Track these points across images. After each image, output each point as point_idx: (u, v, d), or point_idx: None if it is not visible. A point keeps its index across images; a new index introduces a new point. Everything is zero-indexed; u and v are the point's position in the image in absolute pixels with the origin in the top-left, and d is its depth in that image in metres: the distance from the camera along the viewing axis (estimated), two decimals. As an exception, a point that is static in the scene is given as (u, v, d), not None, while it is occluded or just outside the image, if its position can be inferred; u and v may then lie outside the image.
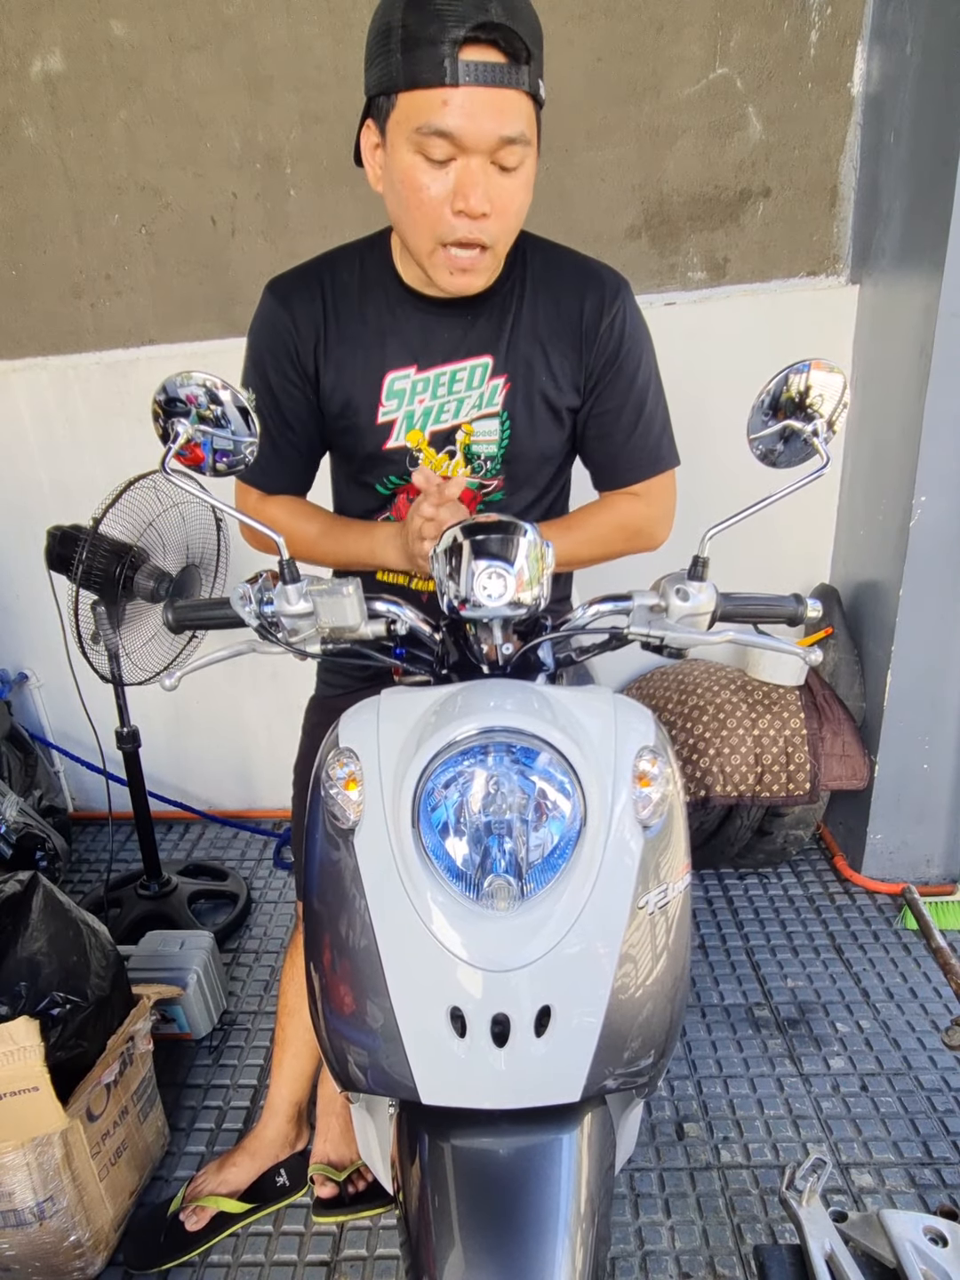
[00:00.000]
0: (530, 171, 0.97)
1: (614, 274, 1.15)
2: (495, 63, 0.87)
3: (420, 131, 0.90)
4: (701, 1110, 1.56)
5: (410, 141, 0.92)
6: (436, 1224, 0.73)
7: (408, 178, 0.94)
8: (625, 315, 1.13)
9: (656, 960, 0.77)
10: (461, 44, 0.85)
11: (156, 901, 2.05)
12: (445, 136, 0.89)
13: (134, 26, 1.87)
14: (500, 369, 1.13)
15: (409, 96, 0.90)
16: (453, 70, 0.86)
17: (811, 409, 0.86)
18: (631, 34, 1.80)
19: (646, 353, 1.17)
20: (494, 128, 0.89)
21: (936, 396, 1.67)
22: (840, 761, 1.95)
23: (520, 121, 0.91)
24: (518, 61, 0.88)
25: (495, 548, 0.83)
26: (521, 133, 0.91)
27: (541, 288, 1.12)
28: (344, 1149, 1.44)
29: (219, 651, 0.92)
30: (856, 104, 1.84)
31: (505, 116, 0.89)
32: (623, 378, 1.14)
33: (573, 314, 1.12)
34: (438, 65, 0.86)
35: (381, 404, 1.14)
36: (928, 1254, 0.88)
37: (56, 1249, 1.29)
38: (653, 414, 1.19)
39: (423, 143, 0.91)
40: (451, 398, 1.13)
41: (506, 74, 0.88)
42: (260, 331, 1.15)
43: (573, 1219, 0.73)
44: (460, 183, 0.92)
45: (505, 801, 0.74)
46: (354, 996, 0.76)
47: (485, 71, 0.87)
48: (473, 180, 0.92)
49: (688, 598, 0.85)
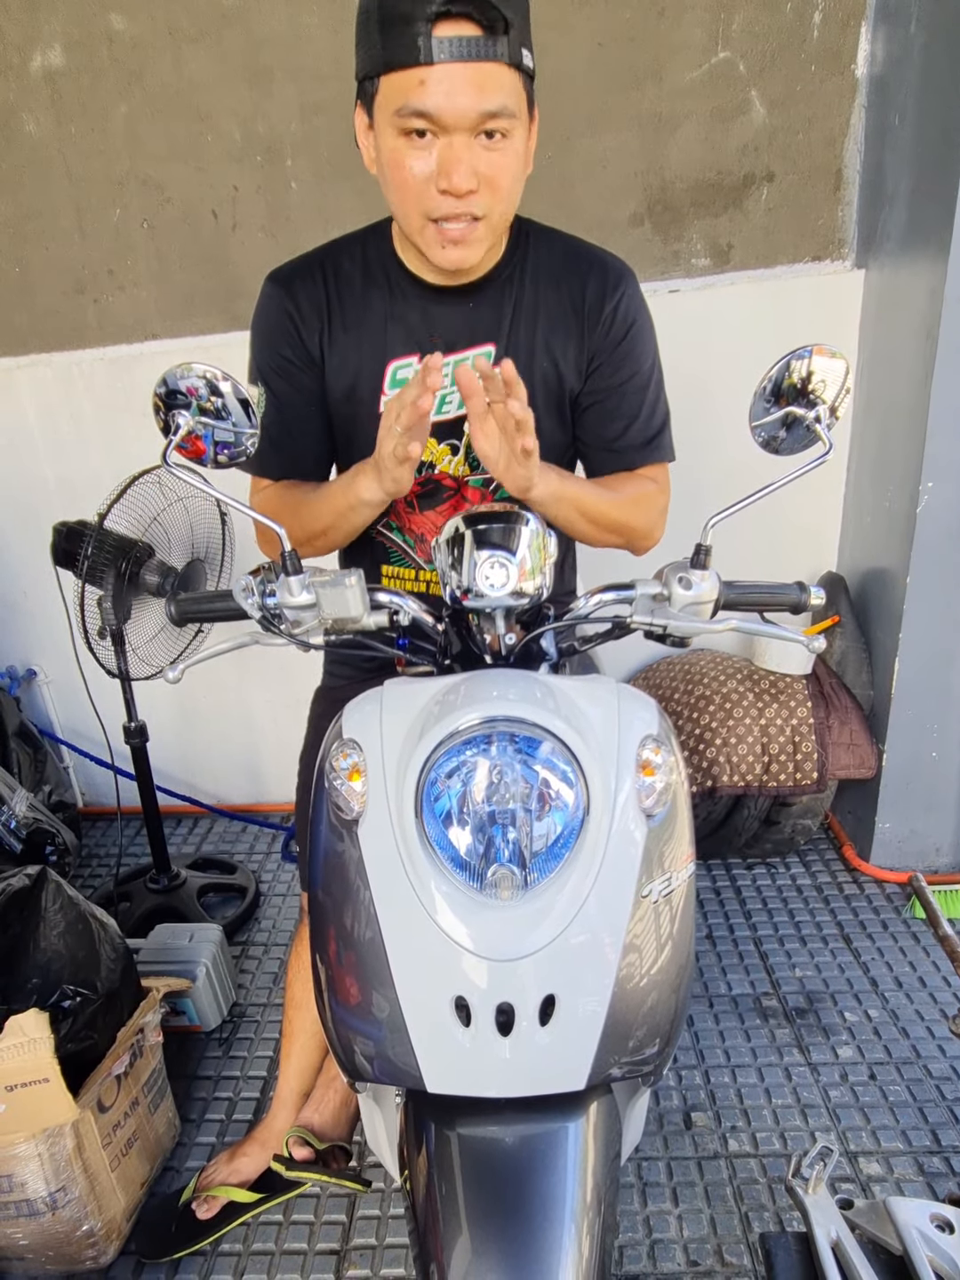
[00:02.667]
0: (521, 143, 0.95)
1: (618, 261, 1.13)
2: (470, 36, 0.85)
3: (400, 113, 0.89)
4: (709, 1100, 1.56)
5: (393, 124, 0.91)
6: (444, 1212, 0.74)
7: (393, 159, 0.93)
8: (630, 302, 1.12)
9: (661, 949, 0.77)
10: (435, 20, 0.83)
11: (166, 895, 2.07)
12: (424, 116, 0.88)
13: (133, 20, 1.86)
14: (502, 356, 1.11)
15: (389, 79, 0.89)
16: (426, 48, 0.84)
17: (814, 395, 0.85)
18: (632, 19, 1.78)
19: (651, 343, 1.15)
20: (473, 103, 0.87)
21: (943, 381, 1.66)
22: (848, 750, 1.94)
23: (501, 94, 0.88)
24: (495, 33, 0.85)
25: (497, 537, 0.83)
26: (504, 105, 0.89)
27: (543, 272, 1.11)
28: (330, 1125, 1.38)
29: (222, 644, 0.92)
30: (861, 86, 1.82)
31: (485, 91, 0.87)
32: (628, 361, 1.13)
33: (574, 297, 1.10)
34: (412, 44, 0.85)
35: (384, 393, 1.13)
36: (934, 1241, 0.88)
37: (69, 1238, 1.31)
38: (655, 403, 1.17)
39: (404, 124, 0.90)
40: (454, 389, 1.11)
41: (483, 46, 0.85)
42: (263, 318, 1.14)
43: (579, 1207, 0.73)
44: (443, 161, 0.91)
45: (508, 791, 0.74)
46: (359, 987, 0.76)
47: (460, 46, 0.85)
48: (455, 157, 0.90)
49: (690, 586, 0.85)
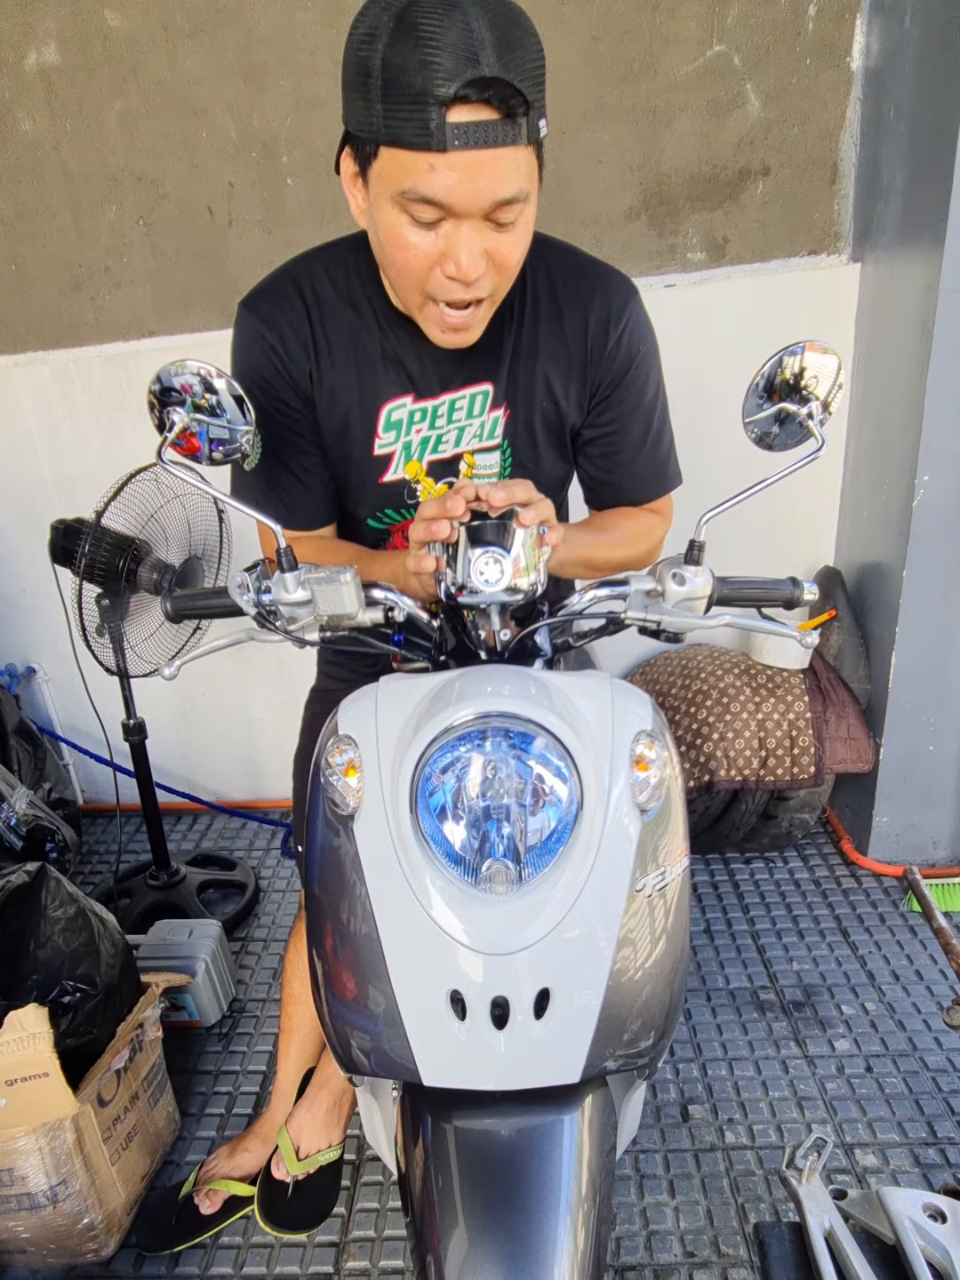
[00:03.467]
0: (529, 219, 0.88)
1: (622, 280, 1.06)
2: (489, 121, 0.76)
3: (405, 195, 0.81)
4: (706, 1093, 1.57)
5: (395, 202, 0.83)
6: (440, 1204, 0.74)
7: (393, 235, 0.86)
8: (634, 328, 1.05)
9: (656, 942, 0.77)
10: (450, 103, 0.75)
11: (165, 891, 2.07)
12: (432, 204, 0.81)
13: (127, 16, 1.86)
14: (501, 397, 1.06)
15: (391, 153, 0.80)
16: (440, 135, 0.76)
17: (806, 391, 0.86)
18: (627, 13, 1.78)
19: (655, 369, 1.10)
20: (488, 192, 0.80)
21: (938, 375, 1.66)
22: (845, 744, 1.95)
23: (518, 179, 0.81)
24: (514, 117, 0.77)
25: (492, 534, 0.83)
26: (520, 190, 0.82)
27: (543, 301, 1.04)
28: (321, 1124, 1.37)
29: (218, 640, 0.92)
30: (856, 79, 1.81)
31: (500, 179, 0.80)
32: (631, 394, 1.08)
33: (576, 328, 1.04)
34: (422, 127, 0.76)
35: (378, 435, 1.07)
36: (927, 1230, 0.89)
37: (70, 1231, 1.32)
38: (660, 431, 1.13)
39: (408, 206, 0.82)
40: (451, 426, 1.07)
41: (502, 133, 0.77)
42: (247, 358, 1.05)
43: (574, 1198, 0.74)
44: (451, 246, 0.84)
45: (503, 786, 0.74)
46: (356, 981, 0.76)
47: (477, 133, 0.76)
48: (464, 244, 0.83)
49: (684, 582, 0.85)
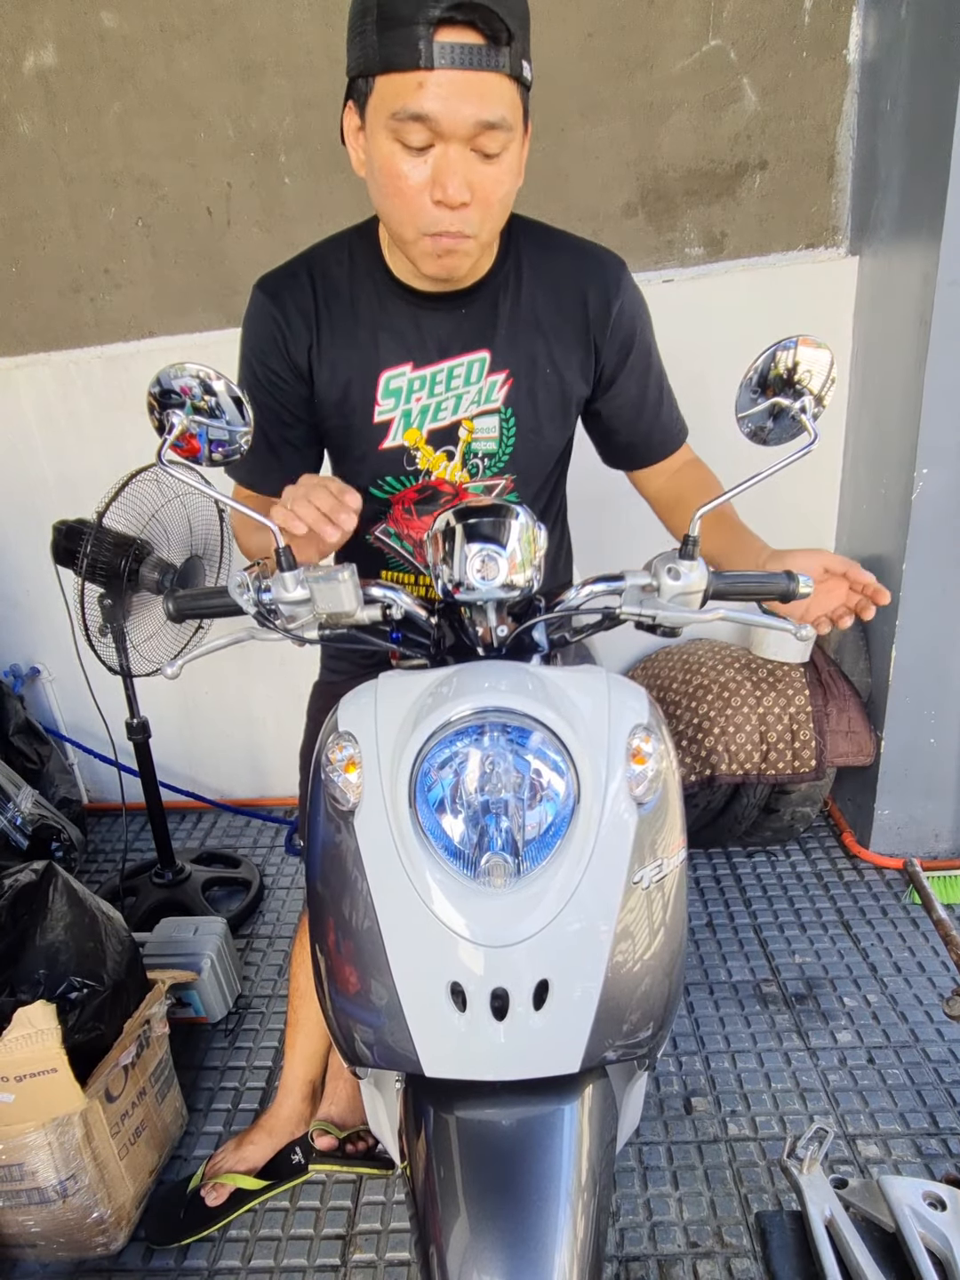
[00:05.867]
0: (515, 157, 0.94)
1: (610, 255, 1.12)
2: (473, 44, 0.83)
3: (396, 117, 0.87)
4: (709, 1085, 1.57)
5: (388, 128, 0.88)
6: (442, 1194, 0.75)
7: (387, 165, 0.91)
8: (629, 298, 1.11)
9: (654, 934, 0.78)
10: (437, 24, 0.82)
11: (171, 889, 2.08)
12: (421, 121, 0.86)
13: (124, 17, 1.86)
14: (500, 364, 1.10)
15: (385, 80, 0.86)
16: (428, 52, 0.83)
17: (800, 385, 0.86)
18: (623, 8, 1.78)
19: (650, 330, 1.17)
20: (472, 112, 0.86)
21: (936, 367, 1.66)
22: (846, 738, 1.95)
23: (501, 105, 0.87)
24: (498, 43, 0.84)
25: (488, 531, 0.84)
26: (503, 117, 0.87)
27: (537, 275, 1.09)
28: (348, 1113, 1.46)
29: (219, 639, 0.93)
30: (853, 71, 1.81)
31: (485, 100, 0.86)
32: (640, 355, 1.14)
33: (575, 304, 1.09)
34: (412, 47, 0.83)
35: (378, 403, 1.11)
36: (926, 1218, 0.90)
37: (79, 1225, 1.33)
38: (667, 388, 1.19)
39: (399, 128, 0.88)
40: (450, 394, 1.11)
41: (486, 56, 0.84)
42: (251, 329, 1.13)
43: (574, 1188, 0.75)
44: (438, 170, 0.89)
45: (500, 781, 0.75)
46: (358, 975, 0.77)
47: (463, 53, 0.83)
48: (450, 168, 0.89)
49: (679, 576, 0.85)
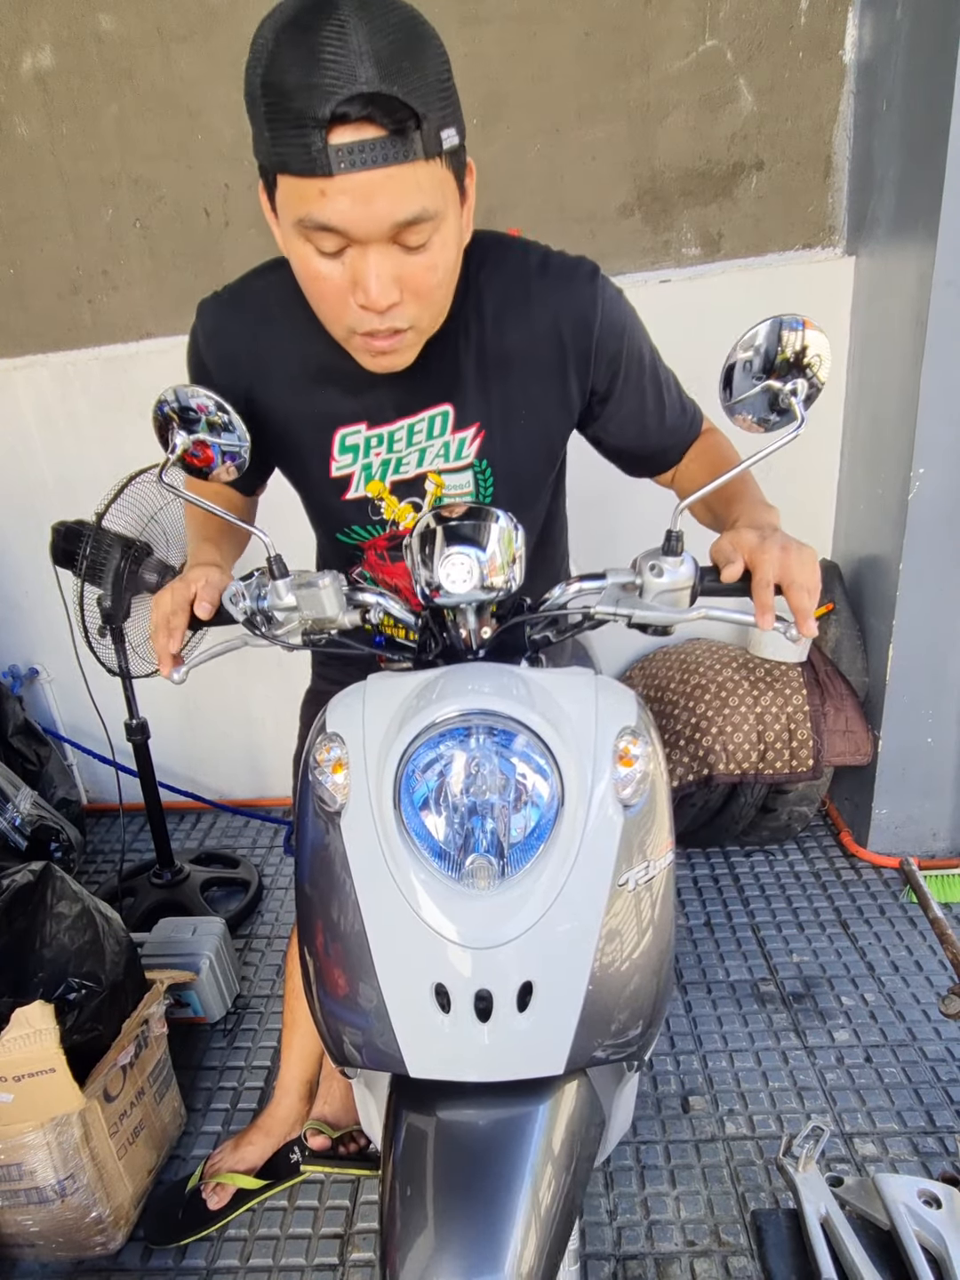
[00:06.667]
0: (446, 238, 0.82)
1: (580, 268, 0.98)
2: (374, 139, 0.72)
3: (304, 224, 0.78)
4: (707, 1084, 1.58)
5: (298, 231, 0.79)
6: (411, 1192, 0.73)
7: (304, 267, 0.83)
8: (608, 309, 0.99)
9: (642, 934, 0.78)
10: (330, 125, 0.70)
11: (169, 890, 2.09)
12: (330, 230, 0.77)
13: (122, 20, 1.87)
14: (469, 418, 1.01)
15: (285, 181, 0.77)
16: (323, 159, 0.72)
17: (809, 369, 0.82)
18: (620, 8, 1.78)
19: (639, 327, 1.05)
20: (385, 214, 0.76)
21: (933, 367, 1.66)
22: (843, 737, 1.95)
23: (418, 198, 0.76)
24: (404, 132, 0.72)
25: (466, 533, 0.83)
26: (422, 210, 0.77)
27: (501, 309, 0.97)
28: (342, 1113, 1.47)
29: (215, 646, 0.94)
30: (849, 72, 1.81)
31: (397, 199, 0.75)
32: (634, 364, 1.04)
33: (548, 334, 0.98)
34: (305, 151, 0.72)
35: (334, 458, 1.04)
36: (921, 1216, 0.90)
37: (78, 1225, 1.34)
38: (668, 380, 1.09)
39: (309, 234, 0.79)
40: (412, 449, 1.03)
41: (391, 150, 0.72)
42: (189, 359, 1.06)
43: (541, 1184, 0.73)
44: (357, 274, 0.80)
45: (486, 783, 0.75)
46: (345, 977, 0.77)
47: (363, 153, 0.72)
48: (369, 271, 0.79)
49: (662, 574, 0.84)
